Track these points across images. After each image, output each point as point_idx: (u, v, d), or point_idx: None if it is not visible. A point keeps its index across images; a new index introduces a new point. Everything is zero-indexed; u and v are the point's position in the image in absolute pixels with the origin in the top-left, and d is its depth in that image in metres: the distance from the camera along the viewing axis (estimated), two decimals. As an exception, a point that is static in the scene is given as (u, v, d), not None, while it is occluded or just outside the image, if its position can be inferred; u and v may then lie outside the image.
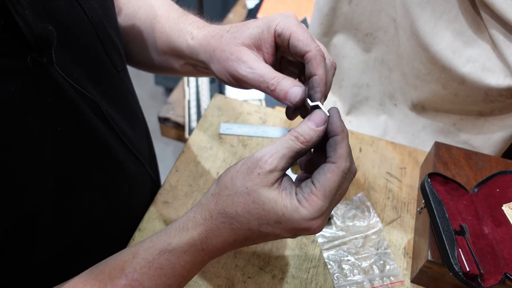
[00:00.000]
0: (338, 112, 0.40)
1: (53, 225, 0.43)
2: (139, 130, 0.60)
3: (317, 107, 0.40)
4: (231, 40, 0.45)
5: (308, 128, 0.39)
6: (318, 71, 0.41)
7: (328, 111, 0.40)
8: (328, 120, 0.39)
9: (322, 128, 0.39)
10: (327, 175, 0.37)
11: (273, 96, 0.43)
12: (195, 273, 0.43)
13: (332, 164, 0.38)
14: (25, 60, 0.36)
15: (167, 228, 0.42)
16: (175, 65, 0.58)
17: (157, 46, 0.57)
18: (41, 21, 0.37)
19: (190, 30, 0.52)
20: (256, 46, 0.45)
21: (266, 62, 0.45)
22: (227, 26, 0.48)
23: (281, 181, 0.39)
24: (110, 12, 0.52)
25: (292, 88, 0.41)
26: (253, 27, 0.45)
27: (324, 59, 0.42)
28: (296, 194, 0.38)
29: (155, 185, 0.66)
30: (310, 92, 0.42)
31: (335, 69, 0.45)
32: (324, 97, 0.42)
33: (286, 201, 0.37)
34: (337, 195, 0.38)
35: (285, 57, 0.48)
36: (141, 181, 0.60)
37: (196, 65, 0.54)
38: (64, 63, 0.40)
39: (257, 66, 0.43)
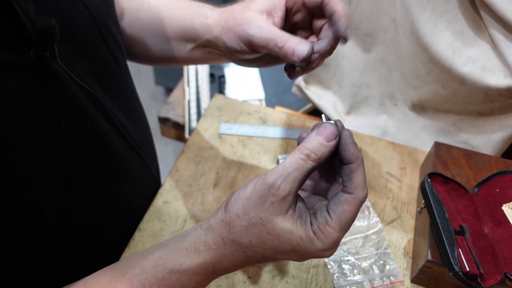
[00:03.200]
0: (351, 135, 0.37)
1: (54, 224, 0.43)
2: (141, 128, 0.60)
3: (330, 122, 0.37)
4: (244, 10, 0.48)
5: (319, 144, 0.36)
6: (337, 7, 0.45)
7: (341, 131, 0.37)
8: (340, 141, 0.37)
9: (333, 143, 0.36)
10: (344, 207, 0.36)
11: (280, 54, 0.45)
12: None
13: (349, 195, 0.36)
14: (28, 54, 0.36)
15: (175, 244, 0.40)
16: (182, 51, 0.59)
17: (164, 34, 0.58)
18: (44, 15, 0.37)
19: (204, 11, 0.55)
20: (267, 12, 0.47)
21: (277, 22, 0.48)
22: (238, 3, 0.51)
23: (295, 206, 0.37)
24: (111, 8, 0.52)
25: (299, 45, 0.44)
26: None
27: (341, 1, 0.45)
28: (311, 224, 0.37)
29: (156, 183, 0.65)
30: (335, 27, 0.45)
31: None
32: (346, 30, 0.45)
33: (301, 232, 0.36)
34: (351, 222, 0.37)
35: (294, 25, 0.52)
36: (143, 179, 0.60)
37: (206, 45, 0.55)
38: (67, 58, 0.40)
39: (266, 26, 0.46)
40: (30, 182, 0.38)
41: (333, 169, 0.40)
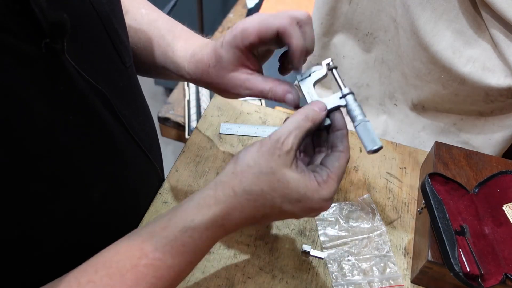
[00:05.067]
0: (341, 112, 0.47)
1: (60, 218, 0.43)
2: (147, 127, 0.60)
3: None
4: (220, 73, 0.50)
5: (314, 111, 0.44)
6: (292, 40, 0.45)
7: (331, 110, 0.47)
8: (334, 115, 0.46)
9: (324, 113, 0.45)
10: (340, 162, 0.43)
11: (273, 100, 0.51)
12: (211, 248, 0.44)
13: (342, 153, 0.44)
14: (39, 46, 0.36)
15: (181, 206, 0.42)
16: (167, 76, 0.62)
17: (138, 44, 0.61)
18: (55, 10, 0.37)
19: (178, 62, 0.56)
20: (240, 65, 0.50)
21: (252, 67, 0.50)
22: (204, 57, 0.52)
23: (296, 161, 0.42)
24: (117, 9, 0.52)
25: (286, 95, 0.48)
26: (227, 53, 0.48)
27: (294, 23, 0.45)
28: (315, 177, 0.42)
29: (161, 183, 0.65)
30: (291, 64, 0.48)
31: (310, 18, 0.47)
32: (306, 57, 0.48)
33: (307, 182, 0.41)
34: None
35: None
36: (148, 178, 0.60)
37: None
38: (75, 54, 0.41)
39: (252, 85, 0.49)
40: (35, 174, 0.38)
41: (312, 146, 0.49)
